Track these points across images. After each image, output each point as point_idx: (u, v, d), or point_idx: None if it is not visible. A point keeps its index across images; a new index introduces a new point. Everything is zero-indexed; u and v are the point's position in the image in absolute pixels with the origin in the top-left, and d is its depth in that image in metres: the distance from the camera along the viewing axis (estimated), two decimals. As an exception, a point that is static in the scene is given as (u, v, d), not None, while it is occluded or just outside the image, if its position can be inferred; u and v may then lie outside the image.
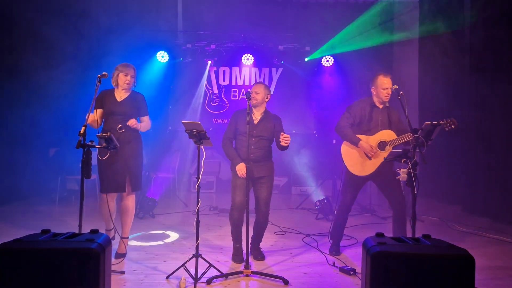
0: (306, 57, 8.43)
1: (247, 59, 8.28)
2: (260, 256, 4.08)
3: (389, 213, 6.02)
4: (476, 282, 2.37)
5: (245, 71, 8.66)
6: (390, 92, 3.97)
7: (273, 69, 8.69)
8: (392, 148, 3.92)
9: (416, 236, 2.73)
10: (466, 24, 6.63)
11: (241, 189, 3.90)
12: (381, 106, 4.07)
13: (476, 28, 6.30)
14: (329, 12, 8.11)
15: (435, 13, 7.28)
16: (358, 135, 4.00)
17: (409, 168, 3.23)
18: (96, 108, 3.95)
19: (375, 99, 4.08)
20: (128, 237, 4.08)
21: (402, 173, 3.30)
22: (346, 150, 4.09)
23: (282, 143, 3.73)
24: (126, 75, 3.94)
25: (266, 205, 4.06)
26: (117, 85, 3.96)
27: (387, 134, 3.95)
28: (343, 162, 4.10)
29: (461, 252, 2.34)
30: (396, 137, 3.90)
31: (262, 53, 8.43)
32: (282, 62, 8.52)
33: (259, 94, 4.00)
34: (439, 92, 7.07)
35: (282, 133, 3.73)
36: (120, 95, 4.02)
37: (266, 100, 4.06)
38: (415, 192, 3.20)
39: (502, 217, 5.76)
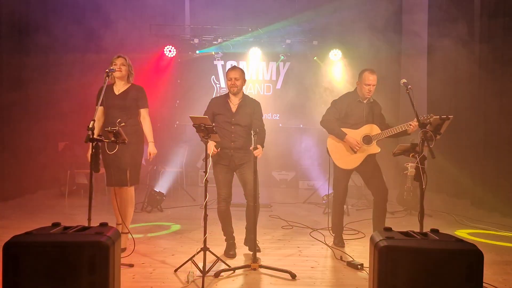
0: (313, 51, 8.40)
1: (255, 53, 8.25)
2: (256, 248, 4.04)
3: (397, 207, 6.02)
4: (485, 277, 2.36)
5: (253, 65, 8.64)
6: (371, 90, 4.06)
7: (281, 63, 8.66)
8: (376, 143, 4.01)
9: (424, 230, 2.71)
10: (476, 17, 6.54)
11: (224, 182, 3.92)
12: (365, 101, 4.15)
13: (487, 21, 6.21)
14: (337, 6, 8.04)
15: (445, 7, 7.19)
16: (343, 129, 4.09)
17: (417, 163, 3.21)
18: (96, 105, 3.91)
19: (359, 94, 4.16)
20: (127, 232, 3.99)
21: (411, 168, 3.29)
22: (332, 144, 4.18)
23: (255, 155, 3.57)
24: (115, 65, 3.92)
25: (253, 189, 3.86)
26: (107, 77, 3.79)
27: (372, 129, 4.04)
28: (329, 156, 4.19)
29: (470, 246, 2.33)
30: (380, 131, 4.00)
31: (269, 47, 8.41)
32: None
33: (239, 80, 3.90)
34: (448, 86, 7.00)
35: (252, 148, 3.54)
36: (118, 88, 4.00)
37: (243, 85, 3.99)
38: (423, 186, 3.18)
39: (511, 212, 5.71)
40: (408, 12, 8.54)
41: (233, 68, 3.99)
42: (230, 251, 3.98)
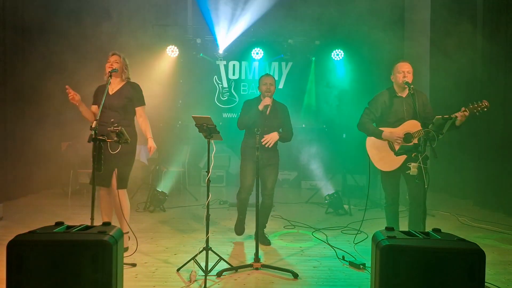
0: (316, 50, 8.40)
1: (257, 53, 8.26)
2: (266, 241, 4.32)
3: (399, 207, 6.00)
4: (487, 277, 2.37)
5: (255, 65, 8.65)
6: (406, 75, 3.75)
7: (283, 63, 8.66)
8: (418, 140, 3.68)
9: (426, 230, 2.72)
10: (479, 14, 6.53)
11: (250, 174, 4.21)
12: (404, 94, 3.84)
13: (490, 17, 6.19)
14: (340, 5, 8.05)
15: (448, 4, 7.18)
16: (381, 128, 3.86)
17: (419, 162, 3.21)
18: (92, 104, 3.97)
19: (396, 88, 3.91)
20: (127, 232, 3.96)
21: (413, 167, 3.28)
22: (370, 145, 3.96)
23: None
24: (108, 62, 3.88)
25: (272, 189, 4.35)
26: (110, 77, 3.78)
27: (412, 125, 3.73)
28: (369, 157, 3.95)
29: (472, 246, 2.32)
30: (420, 127, 3.67)
31: (271, 47, 8.41)
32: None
33: (273, 86, 4.27)
34: (450, 86, 6.98)
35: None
36: (113, 86, 3.91)
37: (275, 90, 4.35)
38: (426, 186, 3.18)
39: (514, 212, 5.70)
40: (411, 10, 8.53)
41: (267, 74, 4.38)
42: (239, 227, 4.37)
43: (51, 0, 7.12)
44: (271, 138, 4.14)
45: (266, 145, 4.10)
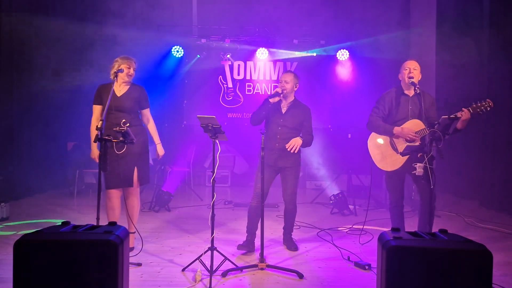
0: (321, 50, 8.38)
1: (262, 53, 8.25)
2: (293, 246, 4.18)
3: (405, 208, 5.98)
4: (494, 278, 2.35)
5: (260, 65, 8.64)
6: (412, 72, 3.74)
7: (288, 63, 8.65)
8: (420, 140, 3.66)
9: (433, 231, 2.70)
10: (486, 15, 6.49)
11: (262, 180, 3.92)
12: (411, 94, 3.80)
13: (497, 11, 6.14)
14: (344, 5, 8.02)
15: (453, 3, 7.15)
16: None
17: (425, 163, 3.19)
18: (95, 104, 3.93)
19: (403, 86, 3.88)
20: (135, 232, 3.99)
21: (419, 168, 3.26)
22: (372, 145, 3.93)
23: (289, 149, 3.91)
24: (128, 68, 3.87)
25: (292, 193, 4.11)
26: (115, 78, 3.76)
27: (415, 124, 3.70)
28: (370, 157, 3.93)
29: (478, 247, 2.31)
30: (424, 127, 3.63)
31: (276, 47, 8.40)
32: (295, 52, 8.45)
33: (289, 84, 4.01)
34: (457, 86, 6.94)
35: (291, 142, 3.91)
36: (119, 89, 3.92)
37: (295, 89, 4.10)
38: (432, 187, 3.16)
39: (521, 212, 5.65)
40: (416, 8, 8.48)
41: (287, 71, 4.23)
42: (247, 246, 4.04)
43: (52, 3, 7.16)
44: (296, 142, 3.90)
45: (292, 151, 3.90)
